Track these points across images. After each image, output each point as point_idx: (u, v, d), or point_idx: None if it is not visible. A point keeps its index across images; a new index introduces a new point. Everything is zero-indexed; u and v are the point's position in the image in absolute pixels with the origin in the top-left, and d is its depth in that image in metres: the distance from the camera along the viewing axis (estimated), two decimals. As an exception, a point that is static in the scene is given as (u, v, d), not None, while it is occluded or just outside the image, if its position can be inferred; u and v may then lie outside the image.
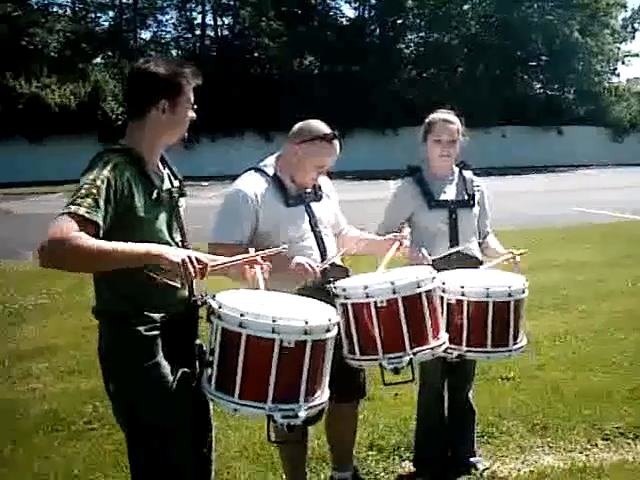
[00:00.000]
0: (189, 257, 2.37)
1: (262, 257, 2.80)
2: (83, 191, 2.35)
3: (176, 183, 2.72)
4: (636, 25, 40.33)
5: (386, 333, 2.95)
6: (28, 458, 4.16)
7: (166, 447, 2.55)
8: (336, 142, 3.31)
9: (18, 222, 15.48)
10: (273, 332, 2.41)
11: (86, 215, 2.32)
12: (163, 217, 2.61)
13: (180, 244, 2.66)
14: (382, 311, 2.95)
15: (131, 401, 2.57)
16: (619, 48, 39.53)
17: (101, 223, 2.36)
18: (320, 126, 3.32)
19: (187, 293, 2.65)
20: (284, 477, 3.70)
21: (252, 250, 2.82)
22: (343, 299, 3.01)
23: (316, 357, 2.52)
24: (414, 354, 2.95)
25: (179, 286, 2.59)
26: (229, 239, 3.18)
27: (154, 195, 2.56)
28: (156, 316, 2.53)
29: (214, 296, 2.56)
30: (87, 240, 2.29)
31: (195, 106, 2.66)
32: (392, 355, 2.95)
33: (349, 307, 3.00)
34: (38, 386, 5.33)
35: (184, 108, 2.61)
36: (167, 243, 2.59)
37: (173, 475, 2.58)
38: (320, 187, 3.46)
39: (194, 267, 2.37)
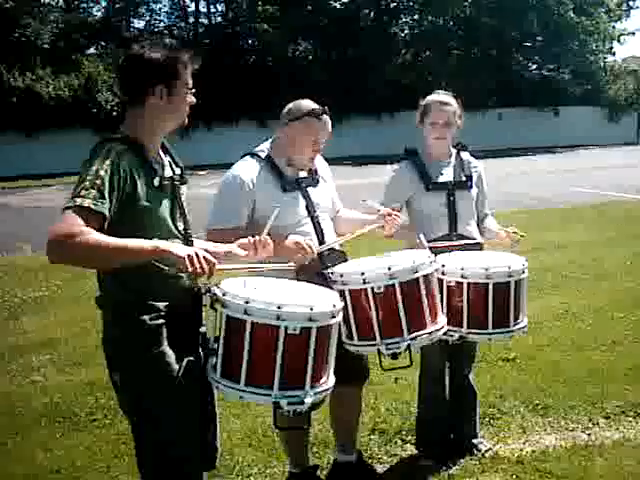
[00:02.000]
0: (196, 254, 2.37)
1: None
2: (87, 183, 2.34)
3: (177, 171, 2.70)
4: (631, 3, 40.12)
5: (384, 319, 2.95)
6: (30, 450, 4.16)
7: (172, 435, 2.55)
8: (325, 117, 3.29)
9: (15, 215, 15.43)
10: (278, 319, 2.41)
11: (92, 207, 2.31)
12: (166, 205, 2.59)
13: (183, 232, 2.65)
14: (379, 297, 2.95)
15: (136, 391, 2.57)
16: (614, 27, 39.28)
17: (107, 214, 2.35)
18: (307, 103, 3.32)
19: (191, 281, 2.65)
20: (287, 463, 3.71)
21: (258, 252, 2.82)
22: (341, 285, 3.01)
23: (321, 343, 2.52)
24: (412, 339, 2.96)
25: (184, 277, 2.59)
26: (227, 225, 3.17)
27: (156, 182, 2.54)
28: (160, 305, 2.52)
29: (218, 284, 2.56)
30: (96, 237, 2.29)
31: (194, 90, 2.63)
32: (390, 341, 2.95)
33: (347, 293, 2.99)
34: (39, 379, 5.33)
35: (182, 93, 2.58)
36: (170, 231, 2.59)
37: (179, 463, 2.58)
38: (316, 171, 3.45)
39: (201, 264, 2.37)
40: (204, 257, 2.39)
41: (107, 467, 3.92)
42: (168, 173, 2.64)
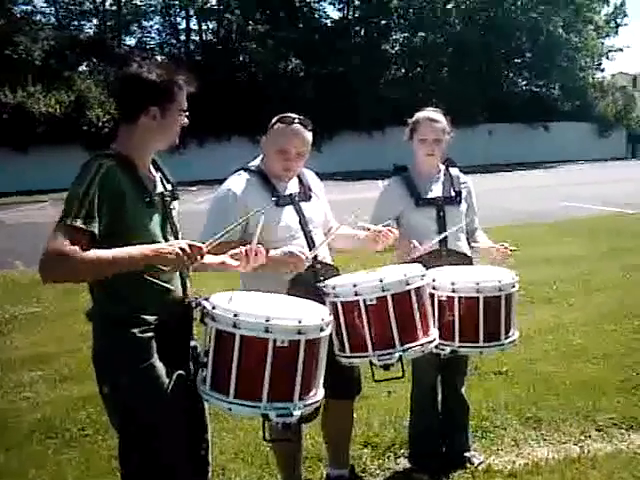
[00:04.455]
0: (181, 247, 2.43)
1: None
2: (77, 201, 2.38)
3: (169, 187, 2.74)
4: (619, 20, 40.54)
5: (376, 330, 2.96)
6: (22, 466, 4.13)
7: (160, 448, 2.55)
8: (297, 126, 3.26)
9: (5, 232, 15.38)
10: (267, 332, 2.43)
11: (83, 227, 2.36)
12: (156, 221, 2.61)
13: None
14: (371, 309, 2.96)
15: (125, 403, 2.57)
16: (603, 43, 39.73)
17: (97, 232, 2.39)
18: (284, 114, 3.32)
19: (181, 295, 2.67)
20: (279, 477, 3.70)
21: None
22: (333, 297, 3.02)
23: (310, 356, 2.53)
24: (404, 351, 2.97)
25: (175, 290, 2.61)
26: (219, 240, 3.18)
27: (146, 199, 2.57)
28: (150, 318, 2.53)
29: (207, 297, 2.58)
30: (87, 255, 2.34)
31: (187, 113, 2.66)
32: (382, 352, 2.96)
33: (339, 305, 3.01)
34: (30, 394, 5.30)
35: (175, 115, 2.61)
36: None
37: (167, 476, 2.58)
38: (310, 187, 3.47)
39: (189, 254, 2.43)
40: (189, 244, 2.46)
41: (99, 483, 3.91)
42: (159, 189, 2.67)
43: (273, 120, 3.33)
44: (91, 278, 2.53)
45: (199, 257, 2.48)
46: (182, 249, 2.43)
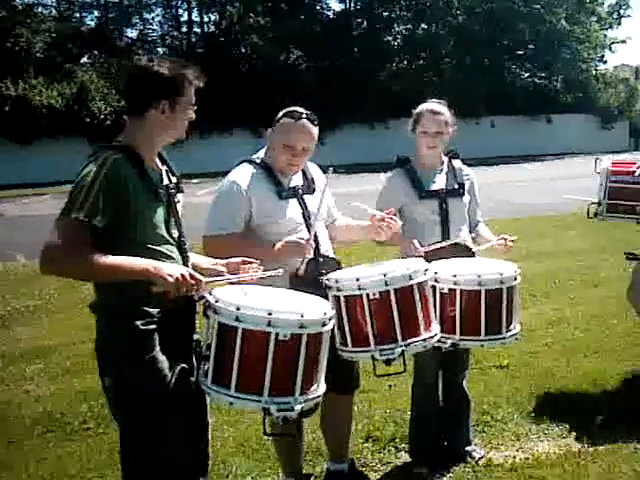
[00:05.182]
0: (182, 275, 2.41)
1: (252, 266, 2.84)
2: (82, 194, 2.39)
3: (174, 179, 2.74)
4: (622, 11, 40.32)
5: (378, 325, 2.95)
6: (23, 459, 4.15)
7: (161, 441, 2.56)
8: (304, 122, 3.25)
9: (7, 225, 15.40)
10: (269, 325, 2.43)
11: (86, 220, 2.37)
12: (160, 213, 2.62)
13: (177, 239, 2.68)
14: (374, 303, 2.95)
15: (127, 396, 2.57)
16: (605, 35, 39.53)
17: (100, 226, 2.40)
18: (292, 108, 3.31)
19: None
20: (281, 471, 3.70)
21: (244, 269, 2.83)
22: (336, 291, 3.01)
23: (312, 351, 2.53)
24: (406, 345, 2.96)
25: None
26: (224, 231, 3.19)
27: (151, 192, 2.57)
28: (153, 311, 2.54)
29: (211, 291, 2.57)
30: (89, 254, 2.35)
31: (195, 107, 2.66)
32: (384, 347, 2.95)
33: (341, 299, 3.00)
34: (32, 388, 5.31)
35: (184, 109, 2.62)
36: (164, 238, 2.61)
37: (167, 469, 2.58)
38: (313, 180, 3.46)
39: (188, 284, 2.41)
40: (190, 274, 2.43)
41: (101, 475, 3.91)
42: (164, 182, 2.67)
43: (280, 114, 3.31)
44: (88, 279, 2.56)
45: (195, 289, 2.46)
46: (183, 276, 2.41)
